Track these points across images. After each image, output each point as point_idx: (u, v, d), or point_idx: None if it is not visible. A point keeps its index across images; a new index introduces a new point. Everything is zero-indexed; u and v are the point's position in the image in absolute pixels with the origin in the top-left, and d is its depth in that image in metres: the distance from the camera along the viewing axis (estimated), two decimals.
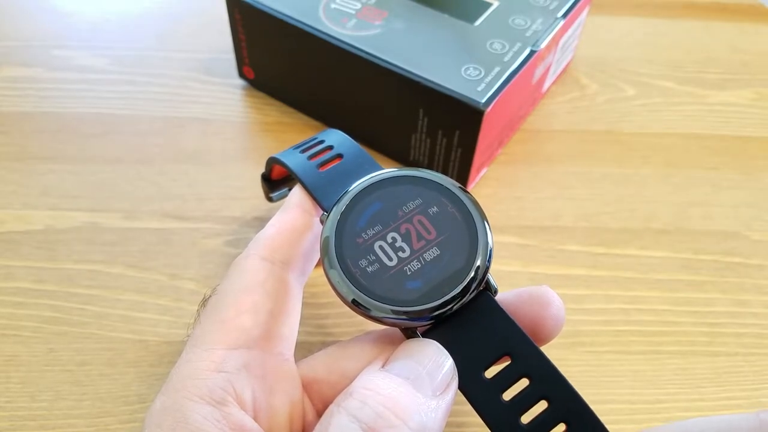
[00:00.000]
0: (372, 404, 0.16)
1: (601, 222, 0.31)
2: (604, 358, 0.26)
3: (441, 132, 0.29)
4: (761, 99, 0.37)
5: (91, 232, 0.29)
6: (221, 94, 0.35)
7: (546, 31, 0.30)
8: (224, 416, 0.16)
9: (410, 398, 0.16)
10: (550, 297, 0.19)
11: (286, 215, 0.21)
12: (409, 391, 0.16)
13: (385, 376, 0.17)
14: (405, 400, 0.16)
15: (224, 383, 0.17)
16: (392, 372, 0.17)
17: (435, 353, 0.17)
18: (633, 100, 0.37)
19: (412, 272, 0.18)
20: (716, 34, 0.41)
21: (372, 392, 0.16)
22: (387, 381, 0.17)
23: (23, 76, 0.35)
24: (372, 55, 0.29)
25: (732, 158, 0.34)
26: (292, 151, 0.23)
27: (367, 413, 0.16)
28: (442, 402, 0.17)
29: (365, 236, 0.19)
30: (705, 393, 0.25)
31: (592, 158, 0.34)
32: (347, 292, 0.18)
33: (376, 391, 0.16)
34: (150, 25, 0.39)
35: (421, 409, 0.16)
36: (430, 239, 0.19)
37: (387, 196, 0.19)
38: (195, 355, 0.18)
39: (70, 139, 0.33)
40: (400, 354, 0.18)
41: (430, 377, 0.17)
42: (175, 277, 0.27)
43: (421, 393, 0.16)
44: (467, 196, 0.19)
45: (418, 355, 0.17)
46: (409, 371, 0.17)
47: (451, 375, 0.17)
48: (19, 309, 0.26)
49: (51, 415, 0.23)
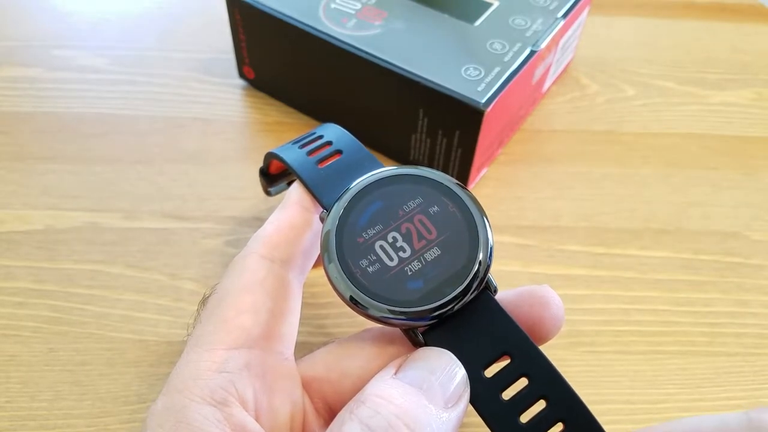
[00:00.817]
0: (384, 413, 0.16)
1: (601, 222, 0.31)
2: (604, 358, 0.26)
3: (441, 132, 0.29)
4: (761, 99, 0.37)
5: (91, 232, 0.29)
6: (221, 94, 0.35)
7: (546, 31, 0.30)
8: (226, 417, 0.16)
9: (422, 409, 0.16)
10: (550, 296, 0.19)
11: (284, 213, 0.21)
12: (421, 402, 0.16)
13: (398, 385, 0.17)
14: (417, 411, 0.16)
15: (226, 383, 0.17)
16: (405, 380, 0.17)
17: (448, 363, 0.17)
18: (633, 100, 0.37)
19: (413, 272, 0.18)
20: (716, 34, 0.41)
21: (384, 401, 0.16)
22: (400, 390, 0.16)
23: (23, 76, 0.35)
24: (372, 55, 0.29)
25: (732, 158, 0.34)
26: (290, 147, 0.23)
27: (379, 422, 0.15)
28: (453, 413, 0.17)
29: (366, 235, 0.19)
30: (705, 393, 0.25)
31: (592, 158, 0.34)
32: (345, 289, 0.18)
33: (389, 400, 0.16)
34: (150, 25, 0.39)
35: (433, 421, 0.16)
36: (430, 239, 0.19)
37: (388, 194, 0.19)
38: (196, 355, 0.18)
39: (70, 139, 0.33)
40: (413, 362, 0.17)
41: (442, 388, 0.17)
42: (175, 277, 0.27)
43: (433, 404, 0.16)
44: (467, 194, 0.19)
45: (432, 365, 0.17)
46: (422, 381, 0.17)
47: (463, 387, 0.17)
48: (19, 309, 0.26)
49: (51, 414, 0.23)
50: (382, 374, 0.17)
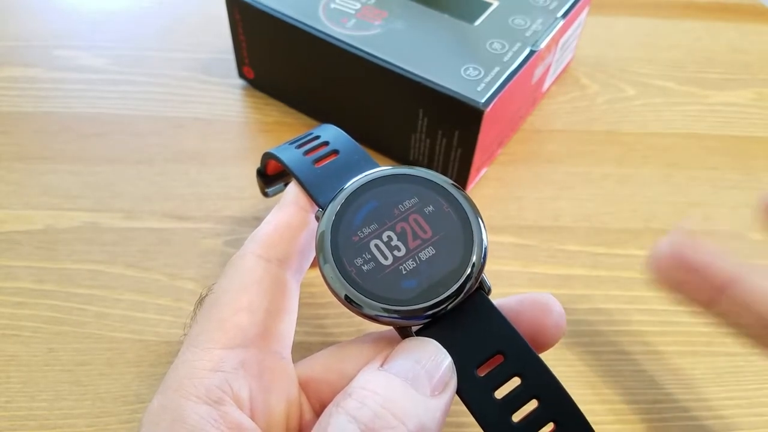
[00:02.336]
0: (371, 405, 0.16)
1: (601, 222, 0.31)
2: (604, 358, 0.26)
3: (441, 132, 0.29)
4: (761, 99, 0.37)
5: (91, 232, 0.29)
6: (221, 94, 0.35)
7: (546, 31, 0.30)
8: (221, 415, 0.16)
9: (409, 398, 0.16)
10: (551, 304, 0.19)
11: (281, 212, 0.21)
12: (407, 391, 0.16)
13: (383, 376, 0.17)
14: (403, 401, 0.16)
15: (221, 383, 0.17)
16: (391, 371, 0.17)
17: (433, 352, 0.17)
18: (633, 100, 0.37)
19: (408, 271, 0.18)
20: (716, 34, 0.41)
21: (370, 392, 0.16)
22: (385, 381, 0.17)
23: (23, 76, 0.35)
24: (372, 55, 0.29)
25: (732, 158, 0.34)
26: (287, 147, 0.23)
27: (366, 414, 0.16)
28: (440, 401, 0.17)
29: (361, 234, 0.19)
30: (705, 393, 0.25)
31: (593, 158, 0.34)
32: (340, 288, 0.18)
33: (375, 392, 0.16)
34: (150, 25, 0.39)
35: (420, 409, 0.16)
36: (425, 238, 0.19)
37: (383, 194, 0.19)
38: (192, 354, 0.18)
39: (70, 139, 0.33)
40: (399, 353, 0.18)
41: (428, 376, 0.17)
42: (175, 277, 0.27)
43: (419, 393, 0.16)
44: (462, 195, 0.19)
45: (417, 354, 0.17)
46: (408, 370, 0.17)
47: (449, 374, 0.17)
48: (20, 309, 0.26)
49: (51, 414, 0.23)
50: (369, 367, 0.18)
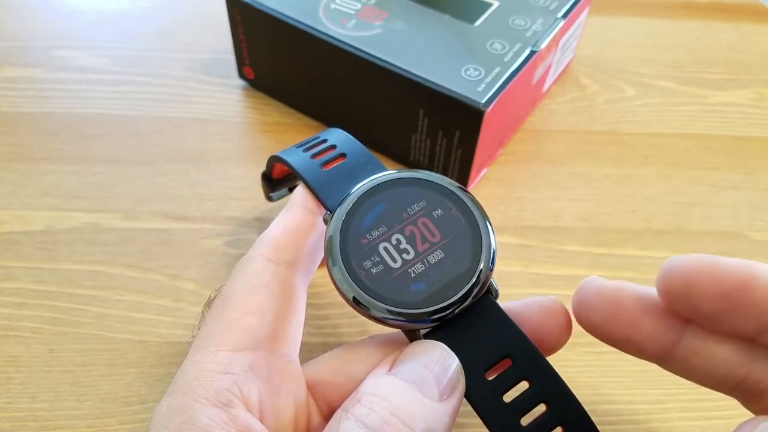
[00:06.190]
0: (379, 411, 0.16)
1: (602, 222, 0.31)
2: (605, 358, 0.26)
3: (441, 132, 0.29)
4: (761, 99, 0.37)
5: (91, 232, 0.29)
6: (221, 94, 0.35)
7: (546, 31, 0.30)
8: (231, 418, 0.16)
9: (417, 403, 0.16)
10: (558, 308, 0.19)
11: (290, 215, 0.21)
12: (416, 397, 0.16)
13: (392, 381, 0.17)
14: (412, 406, 0.16)
15: (231, 385, 0.17)
16: (399, 376, 0.17)
17: (442, 355, 0.17)
18: (633, 101, 0.37)
19: (416, 275, 0.18)
20: (716, 34, 0.41)
21: (379, 398, 0.16)
22: (394, 386, 0.17)
23: (23, 76, 0.35)
24: (372, 55, 0.29)
25: (732, 158, 0.34)
26: (294, 150, 0.23)
27: (375, 420, 0.16)
28: (449, 405, 0.17)
29: (370, 237, 0.19)
30: (705, 393, 0.25)
31: (593, 158, 0.34)
32: (348, 290, 0.18)
33: (383, 397, 0.16)
34: (150, 25, 0.39)
35: (428, 414, 0.16)
36: (434, 242, 0.19)
37: (392, 197, 0.19)
38: (201, 356, 0.18)
39: (70, 139, 0.33)
40: (407, 356, 0.17)
41: (437, 380, 0.17)
42: (175, 278, 0.27)
43: (428, 397, 0.16)
44: (471, 198, 0.19)
45: (425, 358, 0.17)
46: (416, 375, 0.17)
47: (458, 378, 0.17)
48: (20, 310, 0.26)
49: (51, 415, 0.23)
50: (377, 371, 0.18)
